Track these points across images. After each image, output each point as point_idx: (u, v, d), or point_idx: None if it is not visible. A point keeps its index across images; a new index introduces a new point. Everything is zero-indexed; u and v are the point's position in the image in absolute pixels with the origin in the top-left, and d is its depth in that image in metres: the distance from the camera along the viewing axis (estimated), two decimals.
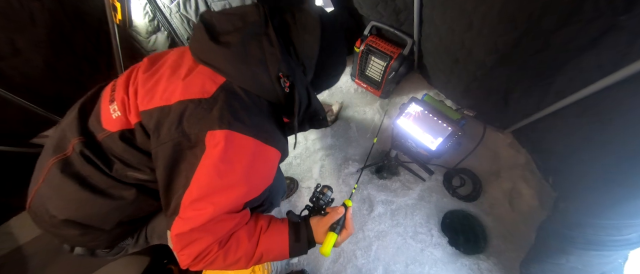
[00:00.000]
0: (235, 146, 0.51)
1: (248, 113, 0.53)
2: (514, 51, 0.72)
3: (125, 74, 0.63)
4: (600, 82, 0.64)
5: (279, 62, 0.54)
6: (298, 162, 1.40)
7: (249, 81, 0.55)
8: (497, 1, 0.62)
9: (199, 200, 0.50)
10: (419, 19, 1.05)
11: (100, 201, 0.57)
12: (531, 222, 1.10)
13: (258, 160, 0.54)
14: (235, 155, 0.51)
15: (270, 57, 0.55)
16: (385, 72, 1.33)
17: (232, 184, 0.52)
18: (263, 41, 0.55)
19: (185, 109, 0.51)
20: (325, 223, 0.65)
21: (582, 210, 0.67)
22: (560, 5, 0.56)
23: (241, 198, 0.54)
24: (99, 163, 0.57)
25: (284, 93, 0.57)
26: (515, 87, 0.89)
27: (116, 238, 0.68)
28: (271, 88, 0.56)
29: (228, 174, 0.51)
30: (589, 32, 0.59)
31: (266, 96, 0.57)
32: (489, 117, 1.19)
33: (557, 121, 0.86)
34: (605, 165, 0.63)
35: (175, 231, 0.51)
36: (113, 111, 0.58)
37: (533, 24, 0.61)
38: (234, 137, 0.51)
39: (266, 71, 0.55)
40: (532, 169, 1.20)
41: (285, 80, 0.55)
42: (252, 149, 0.53)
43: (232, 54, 0.53)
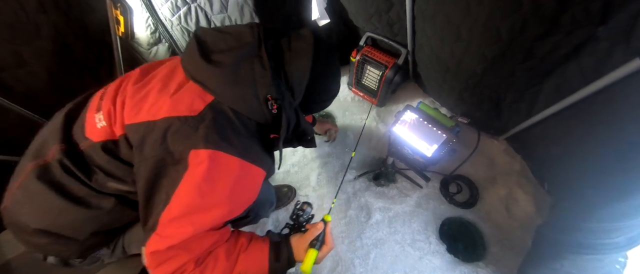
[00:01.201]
0: (220, 166, 0.50)
1: (236, 133, 0.54)
2: (501, 60, 0.75)
3: (116, 83, 0.62)
4: (584, 89, 0.67)
5: (268, 85, 0.55)
6: (295, 170, 1.41)
7: (238, 102, 0.55)
8: (482, 13, 0.66)
9: (178, 218, 0.49)
10: (412, 30, 1.09)
11: (76, 209, 0.55)
12: (528, 228, 1.10)
13: (243, 180, 0.54)
14: (219, 175, 0.51)
15: (260, 80, 0.55)
16: (380, 81, 1.36)
17: (214, 204, 0.51)
18: (255, 63, 0.55)
19: (171, 125, 0.51)
20: (305, 240, 0.64)
21: (574, 214, 0.68)
22: (540, 18, 0.59)
23: (223, 218, 0.54)
24: (78, 173, 0.55)
25: (271, 115, 0.58)
26: (506, 94, 0.92)
27: (89, 248, 0.65)
28: (259, 110, 0.56)
29: (210, 194, 0.50)
30: (569, 43, 0.62)
31: (254, 117, 0.58)
32: (483, 124, 1.21)
33: (548, 127, 0.89)
34: (594, 168, 0.65)
35: (151, 248, 0.49)
36: (98, 120, 0.57)
37: (516, 35, 0.64)
38: (219, 157, 0.50)
39: (255, 93, 0.55)
40: (528, 175, 1.22)
41: (273, 103, 0.56)
42: (237, 169, 0.52)
43: (223, 74, 0.53)
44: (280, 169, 1.41)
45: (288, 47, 0.61)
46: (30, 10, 0.98)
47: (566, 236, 0.68)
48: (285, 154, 1.45)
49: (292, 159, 1.43)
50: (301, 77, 0.61)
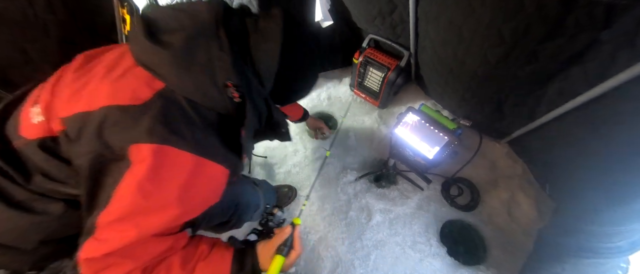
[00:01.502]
0: (168, 163, 0.45)
1: (190, 125, 0.47)
2: (504, 63, 0.75)
3: (57, 72, 0.54)
4: (587, 93, 0.67)
5: (228, 70, 0.48)
6: (297, 171, 1.42)
7: (192, 89, 0.48)
8: (485, 16, 0.66)
9: (119, 221, 0.43)
10: (414, 33, 1.09)
11: (18, 216, 0.48)
12: (530, 232, 1.09)
13: (198, 179, 0.48)
14: (166, 173, 0.45)
15: (218, 65, 0.48)
16: (383, 83, 1.37)
17: (161, 206, 0.45)
18: (212, 46, 0.48)
19: (108, 116, 0.44)
20: (271, 246, 0.59)
21: (576, 217, 0.67)
22: (543, 20, 0.59)
23: (173, 221, 0.47)
24: (14, 174, 0.48)
25: (233, 104, 0.51)
26: (508, 97, 0.92)
27: (43, 259, 0.56)
28: (219, 99, 0.49)
29: (156, 195, 0.44)
30: (573, 46, 0.62)
31: (214, 107, 0.50)
32: (484, 127, 1.21)
33: (551, 131, 0.88)
34: (597, 172, 0.64)
35: (86, 254, 0.43)
36: (36, 114, 0.49)
37: (519, 38, 0.65)
38: (167, 153, 0.44)
39: (213, 80, 0.48)
40: (530, 179, 1.21)
41: (233, 90, 0.49)
42: (190, 166, 0.46)
43: (171, 57, 0.46)
44: (245, 169, 1.41)
45: (254, 29, 0.53)
46: (39, 9, 0.99)
47: (568, 239, 0.67)
48: (286, 154, 1.45)
49: (294, 159, 1.43)
50: (269, 63, 0.53)
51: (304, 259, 1.16)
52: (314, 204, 1.29)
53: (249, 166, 1.40)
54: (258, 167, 1.43)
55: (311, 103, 1.61)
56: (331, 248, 1.18)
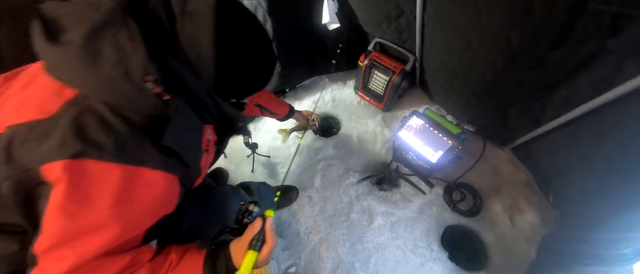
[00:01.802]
0: (88, 178, 0.40)
1: (110, 132, 0.41)
2: (510, 69, 0.76)
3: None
4: (593, 101, 0.67)
5: (143, 62, 0.41)
6: (299, 171, 1.42)
7: (106, 90, 0.41)
8: (493, 22, 0.67)
9: (55, 248, 0.40)
10: (420, 37, 1.11)
11: None
12: (532, 240, 1.09)
13: (133, 190, 0.43)
14: (90, 189, 0.40)
15: (130, 56, 0.41)
16: (387, 87, 1.38)
17: (95, 226, 0.41)
18: (120, 36, 0.41)
19: (14, 136, 0.39)
20: (243, 243, 0.56)
21: (581, 224, 0.67)
22: (551, 28, 0.60)
23: (116, 239, 0.43)
24: None
25: (162, 102, 0.44)
26: (514, 103, 0.92)
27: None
28: (139, 97, 0.42)
29: (84, 215, 0.40)
30: (579, 54, 0.62)
31: (139, 107, 0.44)
32: (489, 133, 1.21)
33: (556, 138, 0.89)
34: (603, 179, 0.65)
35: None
36: None
37: (527, 44, 0.65)
38: (84, 167, 0.39)
39: (126, 76, 0.41)
40: (533, 186, 1.21)
41: (153, 86, 0.42)
42: (117, 177, 0.41)
43: (75, 56, 0.40)
44: (296, 157, 1.41)
45: (181, 11, 0.45)
46: None
47: (572, 246, 0.67)
48: (289, 153, 1.46)
49: (297, 159, 1.44)
50: (200, 50, 0.46)
51: (305, 260, 1.16)
52: (315, 205, 1.29)
53: (252, 165, 1.40)
54: (261, 166, 1.43)
55: (320, 103, 1.62)
56: (332, 249, 1.18)
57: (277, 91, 1.57)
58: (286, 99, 1.64)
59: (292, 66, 1.42)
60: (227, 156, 0.84)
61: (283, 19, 1.20)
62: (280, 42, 1.27)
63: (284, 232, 1.24)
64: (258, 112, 1.03)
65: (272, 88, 1.52)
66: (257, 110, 1.02)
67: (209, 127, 0.62)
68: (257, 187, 1.03)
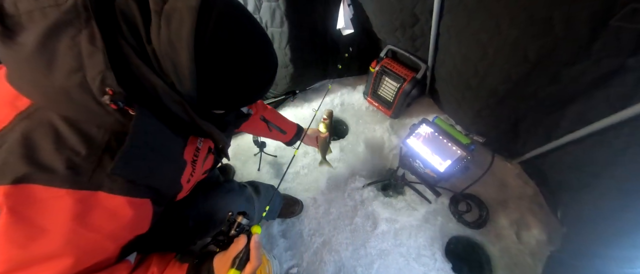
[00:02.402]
0: (36, 206, 0.36)
1: (64, 152, 0.36)
2: (525, 82, 0.76)
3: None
4: (609, 118, 0.67)
5: (101, 71, 0.34)
6: (305, 173, 1.42)
7: (62, 104, 0.36)
8: (512, 34, 0.67)
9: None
10: (434, 46, 1.12)
11: None
12: (539, 255, 1.08)
13: (90, 217, 0.39)
14: (38, 217, 0.36)
15: (89, 64, 0.34)
16: (397, 94, 1.38)
17: (47, 256, 0.37)
18: (79, 37, 0.34)
19: None
20: (227, 259, 0.53)
21: (591, 240, 0.67)
22: (571, 43, 0.60)
23: (71, 270, 0.39)
24: None
25: (125, 117, 0.38)
26: (526, 117, 0.92)
27: None
28: (98, 111, 0.37)
29: (33, 244, 0.36)
30: (598, 70, 0.63)
31: (101, 123, 0.39)
32: (498, 145, 1.21)
33: (567, 154, 0.88)
34: (616, 197, 0.64)
35: None
36: None
37: (545, 58, 0.66)
38: (31, 194, 0.35)
39: (84, 86, 0.35)
40: (540, 202, 1.20)
41: (111, 99, 0.35)
42: (70, 205, 0.37)
43: (25, 59, 0.34)
44: (304, 159, 1.39)
45: (159, 9, 0.36)
46: None
47: (584, 262, 0.66)
48: (296, 155, 1.46)
49: (303, 161, 1.44)
50: (177, 58, 0.37)
51: (307, 261, 1.16)
52: (320, 207, 1.29)
53: (259, 164, 1.41)
54: (268, 165, 1.44)
55: (324, 108, 1.63)
56: (335, 253, 1.17)
57: (287, 92, 1.59)
58: (295, 100, 1.65)
59: (304, 69, 1.44)
60: (229, 158, 0.79)
61: (299, 22, 1.22)
62: (294, 45, 1.28)
63: (287, 232, 1.24)
64: (265, 128, 0.96)
65: (283, 90, 1.53)
66: (263, 125, 0.94)
67: None
68: (266, 189, 1.02)
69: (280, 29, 1.20)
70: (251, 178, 1.41)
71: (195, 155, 0.56)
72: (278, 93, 1.56)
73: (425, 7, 0.96)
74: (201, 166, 0.60)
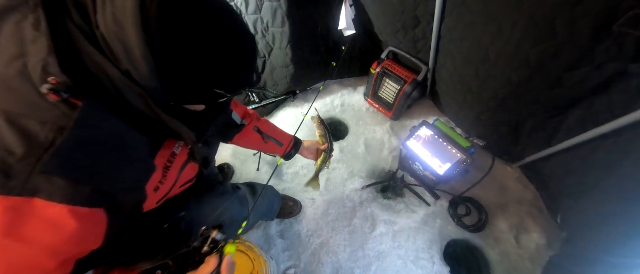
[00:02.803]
0: None
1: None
2: (527, 86, 0.76)
3: None
4: (610, 124, 0.67)
5: (44, 57, 0.32)
6: (304, 173, 1.42)
7: (1, 95, 0.33)
8: (514, 37, 0.67)
9: None
10: (435, 49, 1.11)
11: None
12: (538, 260, 1.07)
13: (21, 229, 0.33)
14: None
15: (32, 51, 0.32)
16: (398, 96, 1.38)
17: None
18: (25, 23, 0.32)
19: None
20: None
21: (592, 246, 0.66)
22: (573, 47, 0.60)
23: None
24: None
25: (73, 109, 0.34)
26: (527, 121, 0.92)
27: None
28: (41, 103, 0.33)
29: None
30: (600, 76, 0.62)
31: (45, 118, 0.34)
32: (498, 149, 1.21)
33: (567, 159, 0.88)
34: (617, 203, 0.64)
35: None
36: None
37: (547, 62, 0.65)
38: None
39: (24, 75, 0.32)
40: (540, 206, 1.19)
41: (53, 88, 0.32)
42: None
43: None
44: (253, 167, 1.39)
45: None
46: None
47: (584, 268, 0.66)
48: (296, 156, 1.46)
49: (303, 161, 1.44)
50: (124, 34, 0.33)
51: (305, 262, 1.15)
52: (319, 208, 1.29)
53: (258, 164, 1.41)
54: (267, 165, 1.44)
55: (324, 108, 1.63)
56: (333, 254, 1.17)
57: (288, 92, 1.59)
58: (296, 101, 1.65)
59: (305, 69, 1.43)
60: (206, 169, 0.69)
61: (301, 22, 1.22)
62: (296, 45, 1.28)
63: (285, 233, 1.24)
64: (259, 140, 0.87)
65: (283, 90, 1.53)
66: (258, 137, 0.86)
67: (175, 141, 0.51)
68: (263, 190, 1.01)
69: (281, 29, 1.20)
70: (250, 178, 1.41)
71: (169, 161, 0.50)
72: (278, 93, 1.56)
73: (428, 10, 0.96)
74: (177, 174, 0.53)
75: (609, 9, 0.51)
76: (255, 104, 1.57)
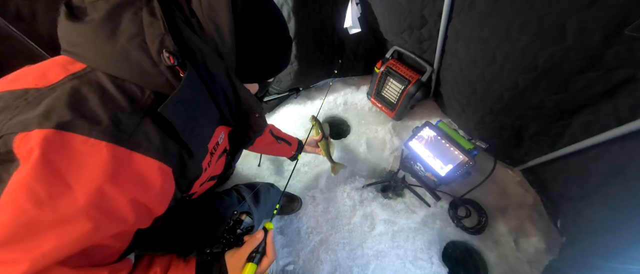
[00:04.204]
0: (70, 156, 0.33)
1: (110, 107, 0.37)
2: (532, 89, 0.75)
3: None
4: (615, 129, 0.66)
5: (160, 34, 0.39)
6: (305, 170, 1.42)
7: (119, 64, 0.39)
8: (522, 40, 0.66)
9: (3, 247, 0.31)
10: (441, 49, 1.11)
11: None
12: (536, 264, 1.08)
13: (119, 177, 0.36)
14: (68, 170, 0.33)
15: (149, 31, 0.39)
16: (401, 95, 1.37)
17: (62, 219, 0.33)
18: (142, 13, 0.40)
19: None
20: (242, 255, 0.53)
21: (591, 251, 0.66)
22: (582, 52, 0.60)
23: (83, 241, 0.35)
24: None
25: (175, 77, 0.41)
26: (530, 125, 0.91)
27: None
28: (153, 72, 0.40)
29: (53, 202, 0.32)
30: (608, 81, 0.62)
31: (148, 83, 0.41)
32: (500, 152, 1.20)
33: (570, 164, 0.88)
34: (619, 210, 0.63)
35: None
36: None
37: (554, 66, 0.65)
38: (69, 142, 0.33)
39: (143, 48, 0.39)
40: (540, 210, 1.20)
41: (169, 57, 0.39)
42: (105, 159, 0.35)
43: (90, 30, 0.39)
44: (302, 158, 1.41)
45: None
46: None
47: (582, 273, 0.66)
48: None
49: (304, 158, 1.44)
50: (218, 19, 0.43)
51: (303, 259, 1.15)
52: (319, 205, 1.29)
53: (259, 159, 1.41)
54: (268, 161, 1.43)
55: (327, 106, 1.63)
56: (331, 252, 1.17)
57: (291, 89, 1.58)
58: (299, 98, 1.64)
59: (310, 66, 1.43)
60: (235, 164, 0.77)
61: (307, 18, 1.21)
62: (300, 42, 1.28)
63: (285, 229, 1.24)
64: (273, 142, 0.99)
65: (286, 86, 1.53)
66: (272, 139, 0.99)
67: (223, 129, 0.59)
68: (266, 192, 1.00)
69: None
70: (251, 173, 1.41)
71: (214, 148, 0.57)
72: (281, 90, 1.56)
73: (435, 9, 0.95)
74: (214, 163, 0.60)
75: (620, 13, 0.51)
76: None
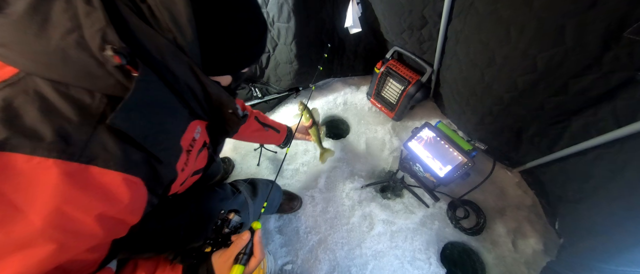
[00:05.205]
0: (14, 178, 0.31)
1: (53, 118, 0.33)
2: (532, 91, 0.75)
3: None
4: (614, 132, 0.67)
5: (101, 27, 0.33)
6: (305, 170, 1.42)
7: (56, 66, 0.33)
8: (522, 42, 0.67)
9: None
10: (441, 50, 1.11)
11: None
12: (534, 265, 1.08)
13: (77, 195, 0.34)
14: (16, 193, 0.31)
15: (87, 23, 0.33)
16: (401, 96, 1.38)
17: (23, 242, 0.32)
18: (73, 2, 0.33)
19: None
20: (229, 255, 0.52)
21: (589, 253, 0.66)
22: (582, 55, 0.60)
23: (49, 262, 0.33)
24: None
25: (128, 79, 0.35)
26: (529, 126, 0.92)
27: None
28: (97, 71, 0.34)
29: (6, 226, 0.31)
30: (607, 83, 0.62)
31: (97, 87, 0.35)
32: (499, 153, 1.20)
33: (568, 166, 0.88)
34: (617, 212, 0.64)
35: None
36: None
37: (553, 69, 0.65)
38: (9, 163, 0.31)
39: (82, 45, 0.33)
40: (539, 212, 1.20)
41: (113, 56, 0.33)
42: (56, 178, 0.32)
43: (14, 26, 0.32)
44: (253, 162, 1.40)
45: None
46: None
47: None
48: (296, 152, 1.46)
49: (303, 158, 1.44)
50: (173, 7, 0.36)
51: (302, 259, 1.16)
52: (318, 205, 1.29)
53: (258, 159, 1.40)
54: (267, 161, 1.44)
55: (326, 106, 1.63)
56: (330, 252, 1.17)
57: (290, 89, 1.58)
58: (298, 98, 1.64)
59: (309, 66, 1.43)
60: (217, 157, 0.73)
61: (307, 18, 1.21)
62: (300, 41, 1.27)
63: (283, 228, 1.24)
64: (260, 129, 0.95)
65: (286, 86, 1.53)
66: (259, 126, 0.94)
67: (199, 124, 0.54)
68: (265, 187, 1.00)
69: (286, 25, 1.19)
70: (250, 172, 1.41)
71: (191, 145, 0.53)
72: (281, 89, 1.56)
73: (435, 10, 0.95)
74: (194, 160, 0.56)
75: (620, 16, 0.51)
76: (257, 99, 1.56)
